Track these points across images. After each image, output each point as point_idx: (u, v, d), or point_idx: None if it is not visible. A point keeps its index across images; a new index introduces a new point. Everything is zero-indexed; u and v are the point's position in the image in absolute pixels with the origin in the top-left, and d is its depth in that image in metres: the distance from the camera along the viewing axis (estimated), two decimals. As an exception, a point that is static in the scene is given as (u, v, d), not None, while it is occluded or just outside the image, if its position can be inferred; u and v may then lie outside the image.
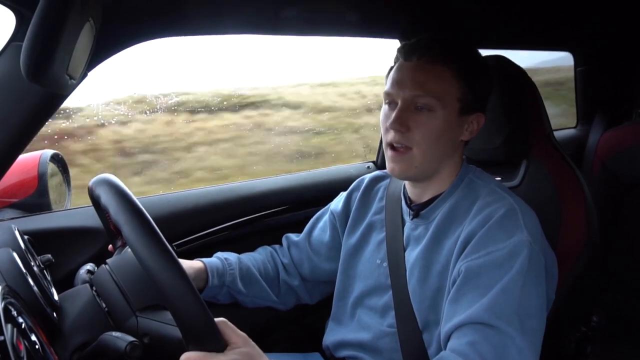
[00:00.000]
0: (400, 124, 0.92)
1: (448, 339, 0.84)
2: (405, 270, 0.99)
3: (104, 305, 0.85)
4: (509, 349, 0.78)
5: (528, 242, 0.85)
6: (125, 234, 0.70)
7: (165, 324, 0.83)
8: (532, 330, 0.81)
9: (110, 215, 0.74)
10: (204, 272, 1.06)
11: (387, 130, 0.95)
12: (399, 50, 0.97)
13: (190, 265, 1.05)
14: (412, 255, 0.99)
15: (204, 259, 1.09)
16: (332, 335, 1.11)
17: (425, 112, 0.92)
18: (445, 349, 0.84)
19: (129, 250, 0.87)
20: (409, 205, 1.03)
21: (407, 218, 1.03)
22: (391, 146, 0.94)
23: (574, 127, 2.35)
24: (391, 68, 0.99)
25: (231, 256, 1.13)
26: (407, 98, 0.92)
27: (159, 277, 0.66)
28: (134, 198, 0.74)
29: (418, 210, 1.01)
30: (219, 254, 1.13)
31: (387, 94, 0.96)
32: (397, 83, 0.94)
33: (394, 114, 0.93)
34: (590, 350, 1.21)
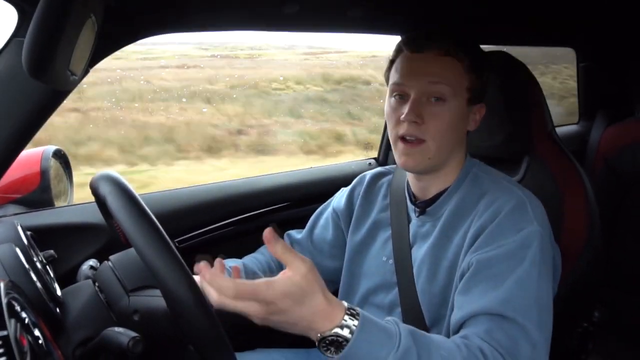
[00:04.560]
0: (415, 115, 0.91)
1: (460, 327, 0.83)
2: (412, 268, 0.99)
3: (106, 300, 0.86)
4: (522, 341, 0.78)
5: (539, 233, 0.85)
6: (123, 225, 0.71)
7: (152, 297, 0.84)
8: (546, 323, 0.82)
9: (110, 206, 0.75)
10: None
11: (398, 123, 0.94)
12: (407, 42, 0.96)
13: (197, 276, 1.03)
14: (419, 252, 0.99)
15: None
16: None
17: (440, 103, 0.92)
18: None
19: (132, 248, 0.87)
20: (414, 203, 1.03)
21: (412, 215, 1.03)
22: (402, 139, 0.93)
23: (576, 124, 2.35)
24: (391, 61, 0.98)
25: (236, 264, 1.10)
26: (422, 89, 0.92)
27: (152, 260, 0.67)
28: (134, 191, 0.75)
29: (424, 207, 1.00)
30: (225, 262, 1.11)
31: (397, 86, 0.95)
32: (410, 74, 0.93)
33: (408, 106, 0.92)
34: (592, 346, 1.22)
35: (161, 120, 4.72)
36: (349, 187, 1.18)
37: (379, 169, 1.18)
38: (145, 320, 0.83)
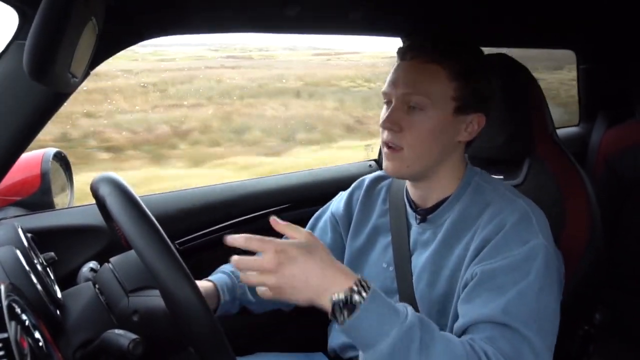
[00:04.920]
0: (392, 122, 0.92)
1: (462, 333, 0.83)
2: (412, 275, 0.98)
3: (106, 302, 0.86)
4: (525, 351, 0.78)
5: (544, 246, 0.85)
6: (122, 226, 0.71)
7: (151, 297, 0.84)
8: (548, 333, 0.82)
9: (109, 207, 0.75)
10: (215, 290, 1.03)
11: (382, 130, 0.95)
12: (397, 51, 0.97)
13: (200, 285, 1.02)
14: (420, 259, 0.98)
15: (212, 277, 1.06)
16: (338, 337, 1.10)
17: (418, 112, 0.91)
18: None
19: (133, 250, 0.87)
20: (414, 210, 1.02)
21: (413, 222, 1.02)
22: (386, 145, 0.94)
23: (577, 125, 2.35)
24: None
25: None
26: (400, 97, 0.92)
27: (151, 261, 0.67)
28: (133, 192, 0.75)
29: (425, 214, 1.00)
30: (225, 268, 1.10)
31: (384, 94, 0.96)
32: (392, 82, 0.95)
33: (387, 114, 0.93)
34: (593, 349, 1.21)
35: (272, 113, 5.43)
36: (348, 191, 1.17)
37: (378, 172, 1.17)
38: (144, 321, 0.82)
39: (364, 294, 0.72)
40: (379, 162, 1.79)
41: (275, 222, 0.75)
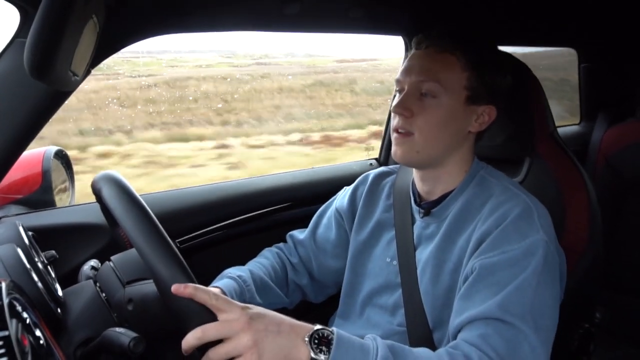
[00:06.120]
0: (403, 108, 0.93)
1: (457, 332, 0.83)
2: (416, 269, 0.98)
3: (106, 300, 0.86)
4: (521, 344, 0.78)
5: (544, 242, 0.85)
6: (115, 211, 0.72)
7: (144, 284, 0.84)
8: (545, 328, 0.81)
9: (104, 197, 0.76)
10: None
11: (393, 116, 0.96)
12: (413, 40, 0.99)
13: None
14: (423, 254, 0.99)
15: (219, 284, 1.04)
16: None
17: (430, 98, 0.93)
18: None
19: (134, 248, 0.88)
20: (418, 204, 1.02)
21: (417, 216, 1.02)
22: (396, 130, 0.95)
23: (578, 124, 2.35)
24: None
25: (243, 272, 1.08)
26: (413, 83, 0.94)
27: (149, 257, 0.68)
28: (134, 191, 0.76)
29: (429, 208, 1.00)
30: (230, 273, 1.08)
31: (397, 82, 0.98)
32: (406, 70, 0.96)
33: (399, 99, 0.94)
34: (593, 348, 1.21)
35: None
36: (352, 186, 1.18)
37: (383, 168, 1.17)
38: (138, 309, 0.83)
39: (330, 334, 0.73)
40: (379, 161, 1.79)
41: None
